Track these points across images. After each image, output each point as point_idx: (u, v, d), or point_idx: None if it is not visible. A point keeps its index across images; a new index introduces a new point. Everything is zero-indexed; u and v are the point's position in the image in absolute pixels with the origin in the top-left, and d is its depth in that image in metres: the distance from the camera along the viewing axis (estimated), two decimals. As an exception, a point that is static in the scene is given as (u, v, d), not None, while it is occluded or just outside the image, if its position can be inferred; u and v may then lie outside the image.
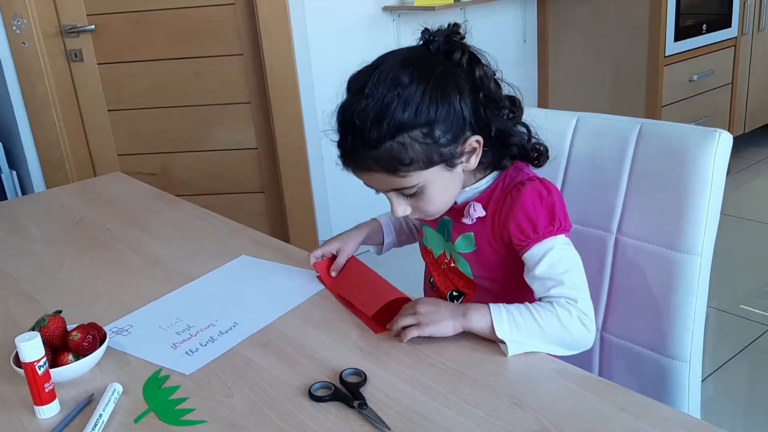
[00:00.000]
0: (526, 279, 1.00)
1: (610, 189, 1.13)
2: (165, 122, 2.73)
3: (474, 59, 0.98)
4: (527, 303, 0.96)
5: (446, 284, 1.12)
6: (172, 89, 2.68)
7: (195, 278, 1.23)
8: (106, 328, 1.04)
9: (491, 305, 0.95)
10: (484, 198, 1.03)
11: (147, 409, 0.88)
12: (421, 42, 0.99)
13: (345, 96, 0.96)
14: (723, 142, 1.03)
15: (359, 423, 0.82)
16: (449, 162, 0.96)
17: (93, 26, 2.58)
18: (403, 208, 1.00)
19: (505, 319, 0.93)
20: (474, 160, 0.99)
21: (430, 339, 0.96)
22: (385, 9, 2.78)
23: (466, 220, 1.03)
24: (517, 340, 0.92)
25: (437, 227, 1.10)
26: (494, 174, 1.04)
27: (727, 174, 1.04)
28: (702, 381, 1.11)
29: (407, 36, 0.99)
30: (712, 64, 3.32)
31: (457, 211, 1.05)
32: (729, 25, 3.35)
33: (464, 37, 0.99)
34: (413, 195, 0.98)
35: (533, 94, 3.45)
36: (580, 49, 3.28)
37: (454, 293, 1.11)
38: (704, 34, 3.23)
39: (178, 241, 1.42)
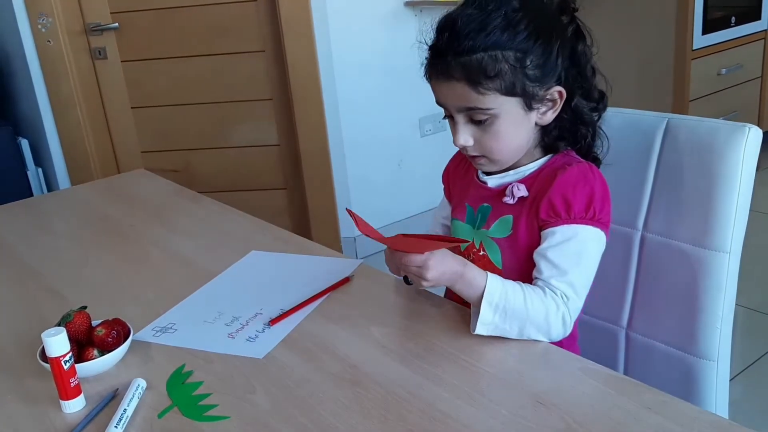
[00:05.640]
0: (535, 253, 0.98)
1: (636, 185, 1.11)
2: (188, 119, 2.75)
3: (579, 33, 1.00)
4: (521, 283, 0.95)
5: None
6: (195, 86, 2.70)
7: (218, 274, 1.24)
8: (147, 329, 1.06)
9: (490, 276, 0.94)
10: (529, 179, 1.02)
11: (170, 405, 0.89)
12: None
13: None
14: (752, 137, 1.00)
15: (381, 420, 0.82)
16: (528, 100, 0.96)
17: (117, 24, 2.61)
18: (466, 138, 0.99)
19: (497, 294, 0.92)
20: (550, 115, 0.99)
21: (451, 335, 0.95)
22: (407, 4, 2.77)
23: (508, 199, 1.02)
24: (496, 323, 0.92)
25: (467, 218, 1.09)
26: (546, 158, 1.04)
27: (757, 170, 1.02)
28: (730, 380, 1.10)
29: (430, 31, 0.97)
30: (741, 57, 3.26)
31: (498, 193, 1.04)
32: (758, 18, 3.29)
33: (577, 9, 1.00)
34: (482, 123, 0.97)
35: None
36: (605, 42, 3.21)
37: None
38: (733, 26, 3.17)
39: (201, 237, 1.43)
